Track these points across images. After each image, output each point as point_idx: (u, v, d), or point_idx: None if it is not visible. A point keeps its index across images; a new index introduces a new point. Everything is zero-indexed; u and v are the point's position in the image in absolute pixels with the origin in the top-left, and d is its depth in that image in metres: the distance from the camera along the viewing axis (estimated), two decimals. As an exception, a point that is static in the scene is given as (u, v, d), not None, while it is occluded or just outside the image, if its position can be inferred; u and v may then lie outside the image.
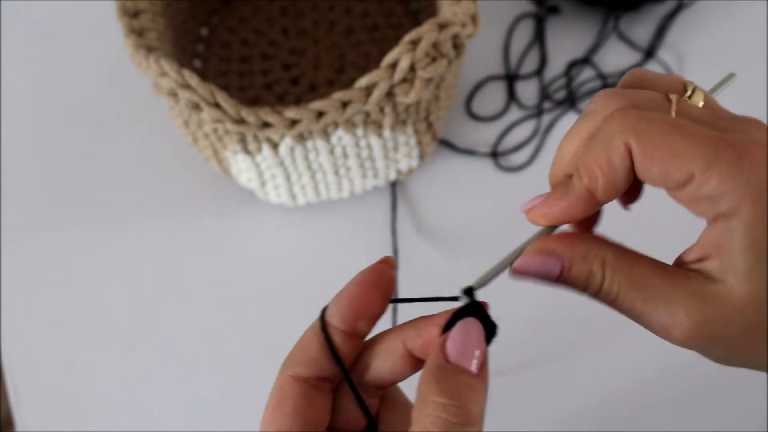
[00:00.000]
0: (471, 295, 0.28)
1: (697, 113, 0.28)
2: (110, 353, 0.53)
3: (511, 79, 0.62)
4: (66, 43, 0.67)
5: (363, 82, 0.46)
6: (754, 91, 0.58)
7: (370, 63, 0.62)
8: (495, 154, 0.59)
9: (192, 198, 0.58)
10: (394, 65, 0.46)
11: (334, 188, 0.54)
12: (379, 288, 0.30)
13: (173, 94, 0.47)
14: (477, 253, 0.54)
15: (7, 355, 0.53)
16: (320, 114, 0.47)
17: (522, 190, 0.57)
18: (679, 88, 0.29)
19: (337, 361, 0.29)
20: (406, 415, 0.27)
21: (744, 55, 0.62)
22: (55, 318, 0.55)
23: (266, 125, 0.47)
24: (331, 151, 0.51)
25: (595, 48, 0.63)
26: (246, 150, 0.50)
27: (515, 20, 0.65)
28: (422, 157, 0.56)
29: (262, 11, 0.65)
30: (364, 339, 0.30)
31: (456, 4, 0.49)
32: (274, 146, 0.50)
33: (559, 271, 0.28)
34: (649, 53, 0.62)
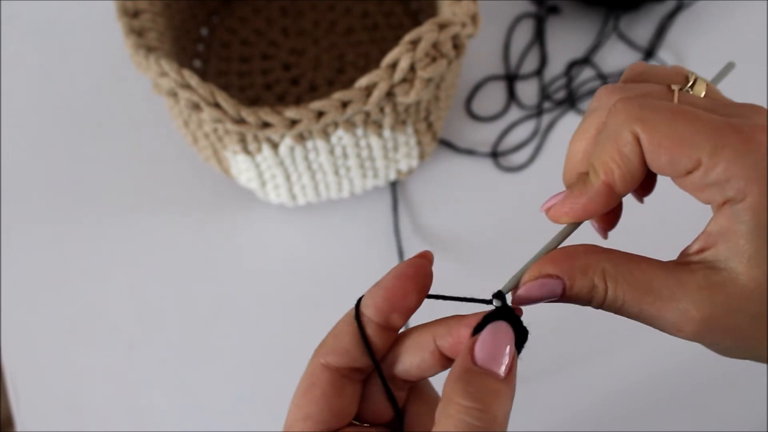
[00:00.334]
0: (503, 299, 0.28)
1: (700, 102, 0.28)
2: (110, 353, 0.53)
3: (511, 79, 0.62)
4: (66, 43, 0.67)
5: (363, 82, 0.46)
6: (754, 91, 0.58)
7: (370, 63, 0.62)
8: (495, 154, 0.59)
9: (192, 198, 0.58)
10: (394, 65, 0.46)
11: (334, 188, 0.54)
12: (416, 282, 0.29)
13: (173, 94, 0.47)
14: (477, 253, 0.54)
15: (7, 355, 0.53)
16: (320, 114, 0.47)
17: (522, 190, 0.58)
18: (680, 79, 0.29)
19: (370, 354, 0.29)
20: (433, 408, 0.27)
21: (744, 55, 0.61)
22: (55, 318, 0.55)
23: (266, 125, 0.47)
24: (331, 151, 0.51)
25: (595, 48, 0.63)
26: (246, 150, 0.50)
27: (515, 20, 0.65)
28: (422, 157, 0.56)
29: (262, 11, 0.65)
30: (397, 332, 0.30)
31: (456, 4, 0.49)
32: (274, 146, 0.50)
33: (561, 290, 0.28)
34: (649, 53, 0.62)
